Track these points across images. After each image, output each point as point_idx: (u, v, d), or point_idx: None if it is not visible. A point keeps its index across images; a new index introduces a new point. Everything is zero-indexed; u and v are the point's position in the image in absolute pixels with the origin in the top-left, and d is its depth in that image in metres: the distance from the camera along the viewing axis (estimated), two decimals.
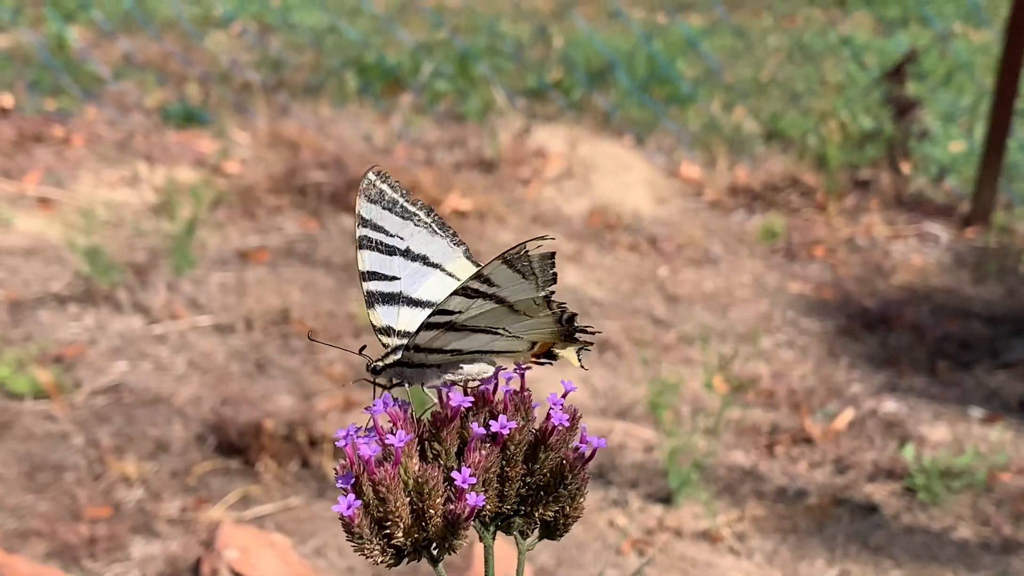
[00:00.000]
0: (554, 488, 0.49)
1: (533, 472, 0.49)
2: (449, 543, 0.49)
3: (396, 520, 0.48)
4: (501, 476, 0.49)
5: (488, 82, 3.63)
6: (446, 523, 0.48)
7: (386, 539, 0.49)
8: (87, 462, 1.98)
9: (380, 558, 0.49)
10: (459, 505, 0.47)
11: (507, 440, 0.49)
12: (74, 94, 3.59)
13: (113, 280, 2.45)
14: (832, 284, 2.64)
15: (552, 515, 0.49)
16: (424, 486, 0.48)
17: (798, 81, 3.66)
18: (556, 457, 0.49)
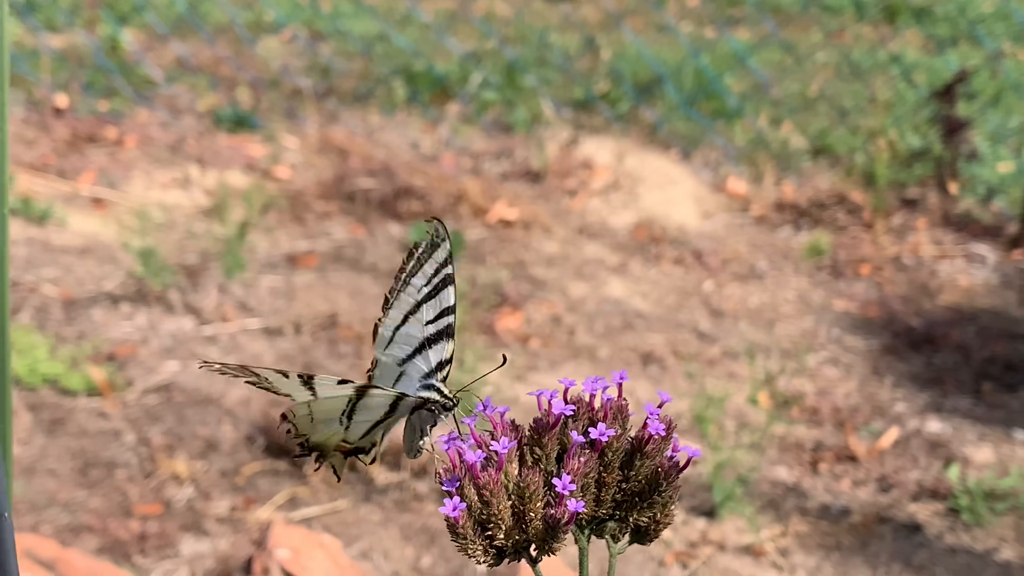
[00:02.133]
0: (648, 495, 0.51)
1: (629, 479, 0.51)
2: (548, 545, 0.51)
3: (498, 522, 0.50)
4: (598, 481, 0.51)
5: (536, 93, 3.66)
6: (546, 526, 0.50)
7: (488, 540, 0.51)
8: (138, 459, 2.01)
9: (482, 558, 0.51)
10: (559, 510, 0.49)
11: (605, 447, 0.51)
12: (127, 96, 3.64)
13: (165, 281, 2.48)
14: (878, 302, 2.64)
15: (645, 521, 0.51)
16: (525, 490, 0.50)
17: (846, 98, 3.66)
18: (651, 465, 0.51)
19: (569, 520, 0.49)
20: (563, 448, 0.52)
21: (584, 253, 2.84)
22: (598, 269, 2.76)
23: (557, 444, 0.52)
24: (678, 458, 0.51)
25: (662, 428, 0.51)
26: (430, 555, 1.83)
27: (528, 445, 0.52)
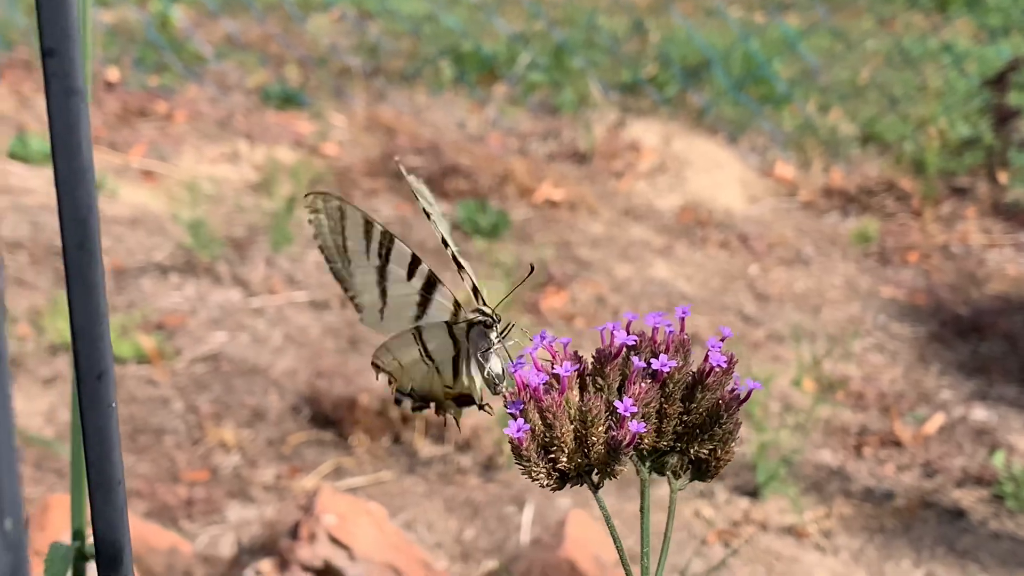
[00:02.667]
0: (709, 427, 0.52)
1: (690, 411, 0.52)
2: (610, 469, 0.51)
3: (561, 445, 0.51)
4: (659, 413, 0.52)
5: (583, 75, 3.65)
6: (608, 449, 0.51)
7: (551, 463, 0.52)
8: (186, 427, 2.03)
9: (545, 481, 0.52)
10: (620, 432, 0.50)
11: (667, 378, 0.52)
12: (177, 71, 3.67)
13: (214, 253, 2.50)
14: (925, 290, 2.63)
15: (706, 453, 0.52)
16: (588, 414, 0.51)
17: (896, 85, 3.64)
18: (713, 397, 0.52)
19: (631, 441, 0.50)
20: (625, 379, 0.53)
21: (629, 235, 2.84)
22: (643, 251, 2.76)
23: (619, 375, 0.53)
24: (739, 390, 0.52)
25: (723, 360, 0.52)
26: (473, 527, 1.85)
27: (591, 375, 0.53)
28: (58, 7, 0.26)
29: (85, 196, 0.27)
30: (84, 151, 0.27)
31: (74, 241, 0.27)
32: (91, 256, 0.28)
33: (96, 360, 0.29)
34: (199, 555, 1.73)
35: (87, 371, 0.29)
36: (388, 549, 1.58)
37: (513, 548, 1.78)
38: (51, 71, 0.26)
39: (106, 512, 0.31)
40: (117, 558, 0.31)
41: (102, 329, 0.29)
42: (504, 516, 1.87)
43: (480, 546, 1.81)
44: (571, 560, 1.54)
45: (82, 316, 0.29)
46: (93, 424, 0.30)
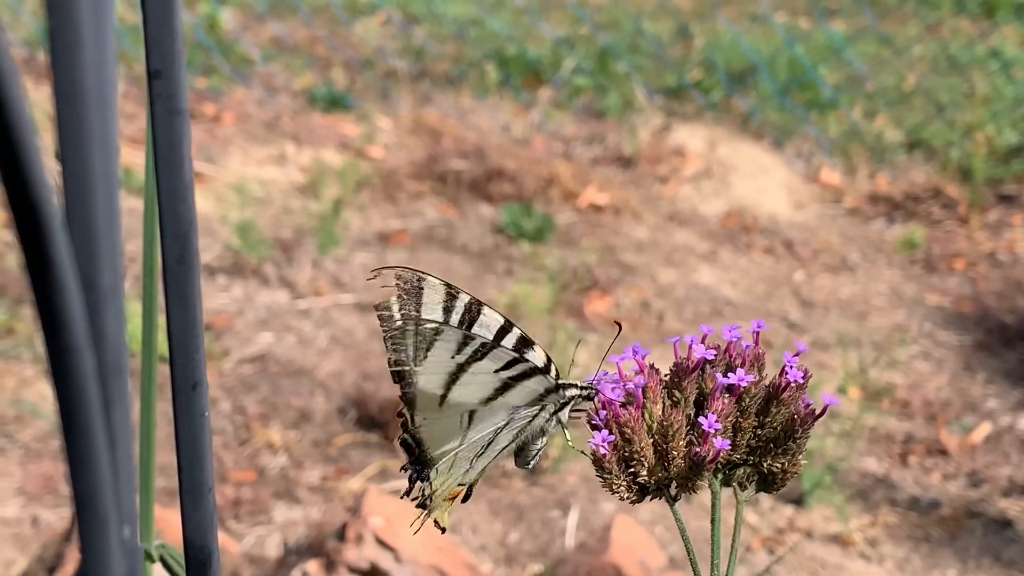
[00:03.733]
0: (783, 441, 0.52)
1: (764, 425, 0.52)
2: (691, 483, 0.52)
3: (640, 459, 0.52)
4: (734, 426, 0.52)
5: (628, 79, 3.66)
6: (689, 464, 0.51)
7: (631, 476, 0.52)
8: (233, 427, 2.05)
9: (626, 494, 0.52)
10: (704, 448, 0.50)
11: (743, 392, 0.52)
12: (225, 73, 3.70)
13: (261, 254, 2.53)
14: (971, 298, 2.62)
15: (778, 467, 0.53)
16: (668, 429, 0.51)
17: (943, 92, 3.61)
18: (788, 412, 0.52)
19: (714, 458, 0.50)
20: (701, 393, 0.53)
21: (674, 239, 2.84)
22: (688, 256, 2.76)
23: (695, 388, 0.54)
24: (814, 406, 0.53)
25: (800, 376, 0.52)
26: (517, 531, 1.85)
27: (667, 388, 0.54)
28: (164, 30, 0.27)
29: (186, 212, 0.28)
30: (186, 169, 0.28)
31: (174, 256, 0.28)
32: (190, 271, 0.29)
33: (191, 371, 0.30)
34: (246, 555, 1.75)
35: (182, 382, 0.30)
36: (434, 552, 1.59)
37: (558, 552, 1.79)
38: (156, 92, 0.27)
39: (196, 517, 0.32)
40: (206, 563, 0.32)
41: (198, 341, 0.30)
42: (549, 520, 1.88)
43: (525, 549, 1.82)
44: (616, 565, 1.54)
45: (179, 329, 0.30)
46: (186, 432, 0.31)
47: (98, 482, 0.21)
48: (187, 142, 0.28)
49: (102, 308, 0.20)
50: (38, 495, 1.87)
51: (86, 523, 0.21)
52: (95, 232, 0.20)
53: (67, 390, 0.20)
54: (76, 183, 0.19)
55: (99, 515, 0.21)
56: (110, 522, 0.21)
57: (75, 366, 0.19)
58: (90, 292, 0.20)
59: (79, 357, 0.19)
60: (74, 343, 0.19)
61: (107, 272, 0.20)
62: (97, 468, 0.21)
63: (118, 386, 0.21)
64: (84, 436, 0.20)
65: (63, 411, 0.20)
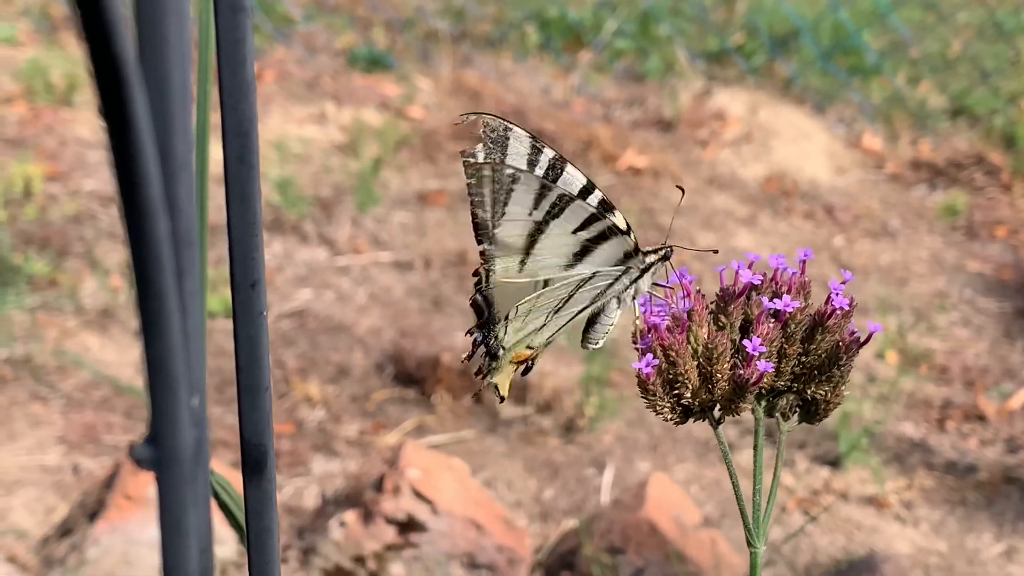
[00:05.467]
0: (827, 368, 0.52)
1: (809, 352, 0.53)
2: (735, 406, 0.52)
3: (685, 382, 0.52)
4: (779, 352, 0.53)
5: (670, 42, 3.64)
6: (733, 387, 0.51)
7: (676, 399, 0.53)
8: (273, 381, 2.07)
9: (669, 415, 0.53)
10: (748, 370, 0.51)
11: (788, 318, 0.52)
12: (266, 32, 3.71)
13: (301, 212, 2.54)
14: (1013, 266, 2.60)
15: (821, 394, 0.53)
16: (713, 352, 0.52)
17: (988, 58, 3.58)
18: (832, 339, 0.53)
19: (757, 380, 0.51)
20: (747, 319, 0.54)
21: (713, 203, 2.83)
22: (727, 220, 2.76)
23: (742, 314, 0.54)
24: (859, 334, 0.53)
25: (845, 303, 0.53)
26: (552, 488, 1.86)
27: (714, 314, 0.54)
28: None
29: (247, 110, 0.29)
30: (248, 67, 0.28)
31: (235, 154, 0.29)
32: (251, 169, 0.29)
33: (251, 269, 0.31)
34: (284, 505, 1.77)
35: (242, 279, 0.31)
36: (470, 504, 1.60)
37: (592, 508, 1.80)
38: None
39: (253, 416, 0.33)
40: (262, 461, 0.33)
41: (257, 240, 0.30)
42: (584, 478, 1.89)
43: (559, 506, 1.83)
44: (652, 521, 1.55)
45: (239, 228, 0.30)
46: (245, 331, 0.31)
47: (170, 347, 0.21)
48: (250, 39, 0.28)
49: (176, 177, 0.21)
50: (79, 444, 1.89)
51: (157, 388, 0.22)
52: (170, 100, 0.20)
53: (142, 254, 0.20)
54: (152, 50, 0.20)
55: (170, 380, 0.21)
56: (180, 388, 0.22)
57: (150, 230, 0.20)
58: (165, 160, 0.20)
59: (154, 221, 0.20)
60: (150, 208, 0.20)
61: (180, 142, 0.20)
62: (170, 333, 0.21)
63: (189, 256, 0.21)
64: (158, 300, 0.21)
65: (138, 276, 0.20)
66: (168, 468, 0.22)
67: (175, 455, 0.22)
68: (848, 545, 1.76)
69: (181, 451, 0.22)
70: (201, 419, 0.23)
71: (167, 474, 0.22)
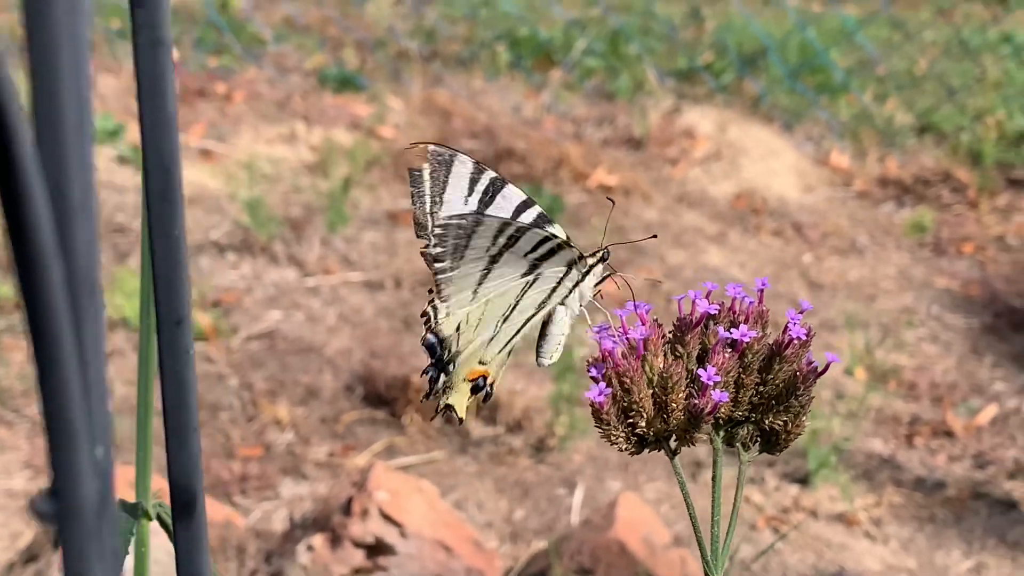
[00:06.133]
0: (785, 398, 0.52)
1: (767, 382, 0.52)
2: (689, 435, 0.52)
3: (639, 410, 0.52)
4: (736, 382, 0.52)
5: (639, 61, 3.65)
6: (688, 416, 0.51)
7: (630, 427, 0.52)
8: (241, 403, 2.06)
9: (624, 445, 0.52)
10: (703, 400, 0.50)
11: (746, 348, 0.52)
12: (236, 53, 3.70)
13: (270, 232, 2.53)
14: (980, 282, 2.61)
15: (780, 424, 0.52)
16: (668, 380, 0.51)
17: (954, 76, 3.60)
18: (790, 369, 0.52)
19: (712, 410, 0.50)
20: (704, 348, 0.53)
21: (683, 221, 2.83)
22: (697, 237, 2.76)
23: (699, 344, 0.54)
24: (817, 363, 0.52)
25: (803, 333, 0.52)
26: (523, 508, 1.86)
27: (671, 343, 0.54)
28: None
29: (169, 146, 0.28)
30: (169, 102, 0.28)
31: (157, 190, 0.28)
32: (173, 205, 0.29)
33: (176, 307, 0.30)
34: (252, 529, 1.75)
35: (167, 317, 0.30)
36: (439, 527, 1.59)
37: (563, 529, 1.79)
38: (139, 22, 0.27)
39: (181, 458, 0.32)
40: (191, 503, 0.32)
41: (182, 277, 0.30)
42: (554, 497, 1.88)
43: (530, 526, 1.82)
44: (621, 541, 1.55)
45: (163, 264, 0.30)
46: (171, 369, 0.31)
47: (68, 398, 0.21)
48: (170, 74, 0.28)
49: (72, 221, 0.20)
50: (45, 469, 1.87)
51: (56, 440, 0.21)
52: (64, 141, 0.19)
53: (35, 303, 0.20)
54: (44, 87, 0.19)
55: (70, 432, 0.21)
56: (80, 440, 0.21)
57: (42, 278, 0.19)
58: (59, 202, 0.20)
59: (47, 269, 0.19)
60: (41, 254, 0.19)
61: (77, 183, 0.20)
62: (67, 384, 0.21)
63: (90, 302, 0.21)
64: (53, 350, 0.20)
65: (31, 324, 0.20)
66: (70, 522, 0.22)
67: (77, 509, 0.22)
68: (818, 563, 1.75)
69: (84, 504, 0.22)
70: (106, 470, 0.22)
71: (69, 529, 0.22)
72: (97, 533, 0.22)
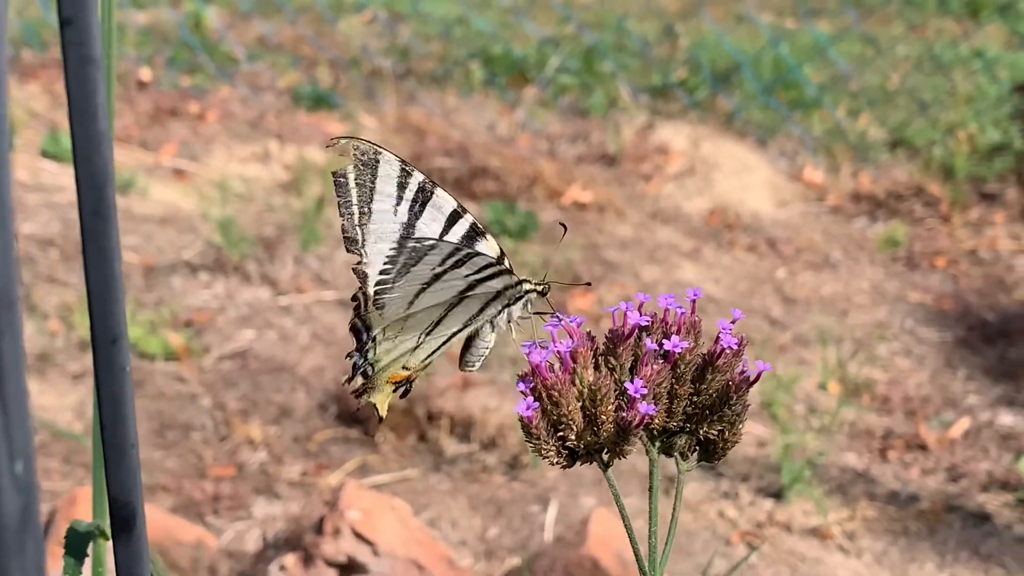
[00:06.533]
0: (719, 408, 0.52)
1: (700, 392, 0.53)
2: (620, 448, 0.52)
3: (569, 423, 0.52)
4: (670, 393, 0.52)
5: (613, 78, 3.66)
6: (617, 429, 0.51)
7: (560, 441, 0.52)
8: (214, 423, 2.05)
9: (555, 459, 0.52)
10: (630, 413, 0.50)
11: (678, 359, 0.52)
12: (209, 72, 3.70)
13: (243, 251, 2.52)
14: (952, 295, 2.62)
15: (715, 434, 0.53)
16: (597, 393, 0.51)
17: (927, 91, 3.62)
18: (723, 379, 0.53)
19: (640, 422, 0.50)
20: (637, 360, 0.54)
21: (657, 237, 2.84)
22: (671, 253, 2.77)
23: (631, 356, 0.54)
24: (749, 373, 0.53)
25: (734, 343, 0.53)
26: (497, 526, 1.85)
27: (603, 355, 0.54)
28: None
29: (101, 163, 0.28)
30: (100, 119, 0.28)
31: (90, 207, 0.28)
32: (107, 222, 0.29)
33: (111, 325, 0.30)
34: (224, 550, 1.74)
35: (102, 336, 0.30)
36: (412, 545, 1.59)
37: (537, 546, 1.79)
38: (68, 39, 0.27)
39: (119, 475, 0.32)
40: (130, 520, 0.32)
41: (117, 295, 0.30)
42: (528, 514, 1.88)
43: (504, 544, 1.82)
44: (594, 558, 1.55)
45: (98, 282, 0.30)
46: (108, 388, 0.31)
47: None
48: (101, 92, 0.28)
49: None
50: None
51: None
52: None
53: None
54: None
55: None
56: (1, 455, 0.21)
57: None
58: None
59: None
60: None
61: None
62: None
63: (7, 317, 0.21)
64: None
65: None
66: None
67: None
68: None
69: (5, 520, 0.22)
70: (28, 485, 0.22)
71: None
72: (20, 549, 0.22)
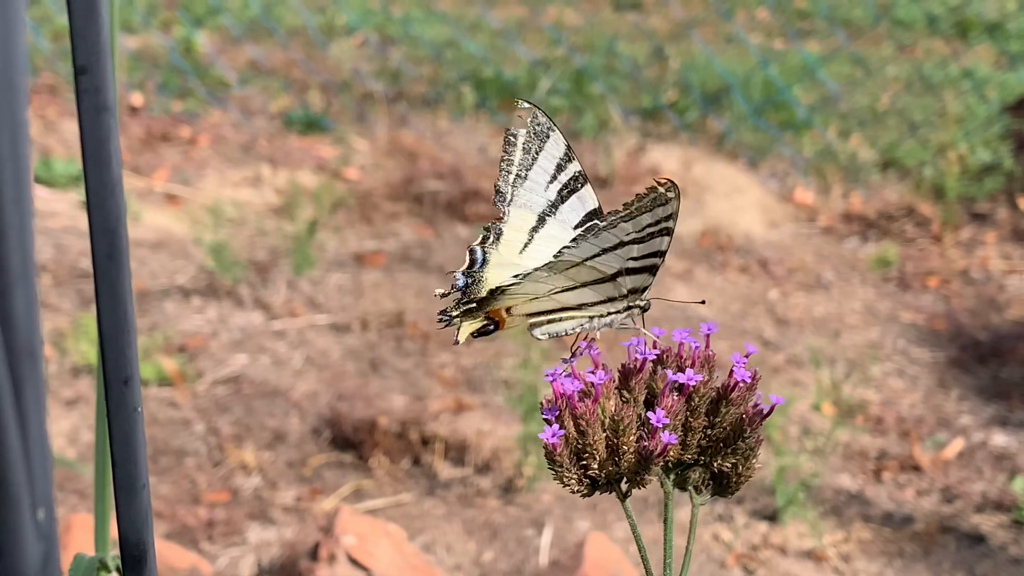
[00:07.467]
0: (733, 441, 0.53)
1: (714, 425, 0.53)
2: (640, 478, 0.52)
3: (593, 453, 0.52)
4: (684, 426, 0.53)
5: (604, 100, 3.67)
6: (638, 459, 0.52)
7: (583, 470, 0.53)
8: (207, 448, 2.05)
9: (576, 487, 0.53)
10: (652, 442, 0.51)
11: (692, 392, 0.53)
12: (201, 96, 3.70)
13: (236, 276, 2.52)
14: (945, 315, 2.63)
15: (729, 467, 0.53)
16: (620, 423, 0.52)
17: (917, 111, 3.64)
18: (737, 412, 0.53)
19: (661, 452, 0.51)
20: (651, 393, 0.54)
21: None
22: (663, 275, 2.77)
23: (645, 389, 0.54)
24: (762, 406, 0.53)
25: (748, 376, 0.53)
26: (492, 550, 1.85)
27: (617, 389, 0.54)
28: (90, 25, 0.27)
29: (114, 207, 0.28)
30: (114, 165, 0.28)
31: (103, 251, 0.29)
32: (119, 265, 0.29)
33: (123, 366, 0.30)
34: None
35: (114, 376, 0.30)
36: (407, 570, 1.59)
37: (532, 570, 1.79)
38: (83, 88, 0.27)
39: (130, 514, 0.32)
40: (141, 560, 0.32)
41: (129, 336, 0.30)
42: (523, 538, 1.88)
43: (499, 568, 1.82)
44: None
45: (110, 323, 0.30)
46: (119, 428, 0.31)
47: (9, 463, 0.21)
48: (115, 138, 0.28)
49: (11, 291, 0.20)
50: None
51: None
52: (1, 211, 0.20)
53: None
54: None
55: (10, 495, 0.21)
56: (22, 504, 0.21)
57: None
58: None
59: None
60: None
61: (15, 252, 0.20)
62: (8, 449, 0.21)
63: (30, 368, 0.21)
64: None
65: None
66: None
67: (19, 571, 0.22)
68: None
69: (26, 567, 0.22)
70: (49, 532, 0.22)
71: None
72: None
